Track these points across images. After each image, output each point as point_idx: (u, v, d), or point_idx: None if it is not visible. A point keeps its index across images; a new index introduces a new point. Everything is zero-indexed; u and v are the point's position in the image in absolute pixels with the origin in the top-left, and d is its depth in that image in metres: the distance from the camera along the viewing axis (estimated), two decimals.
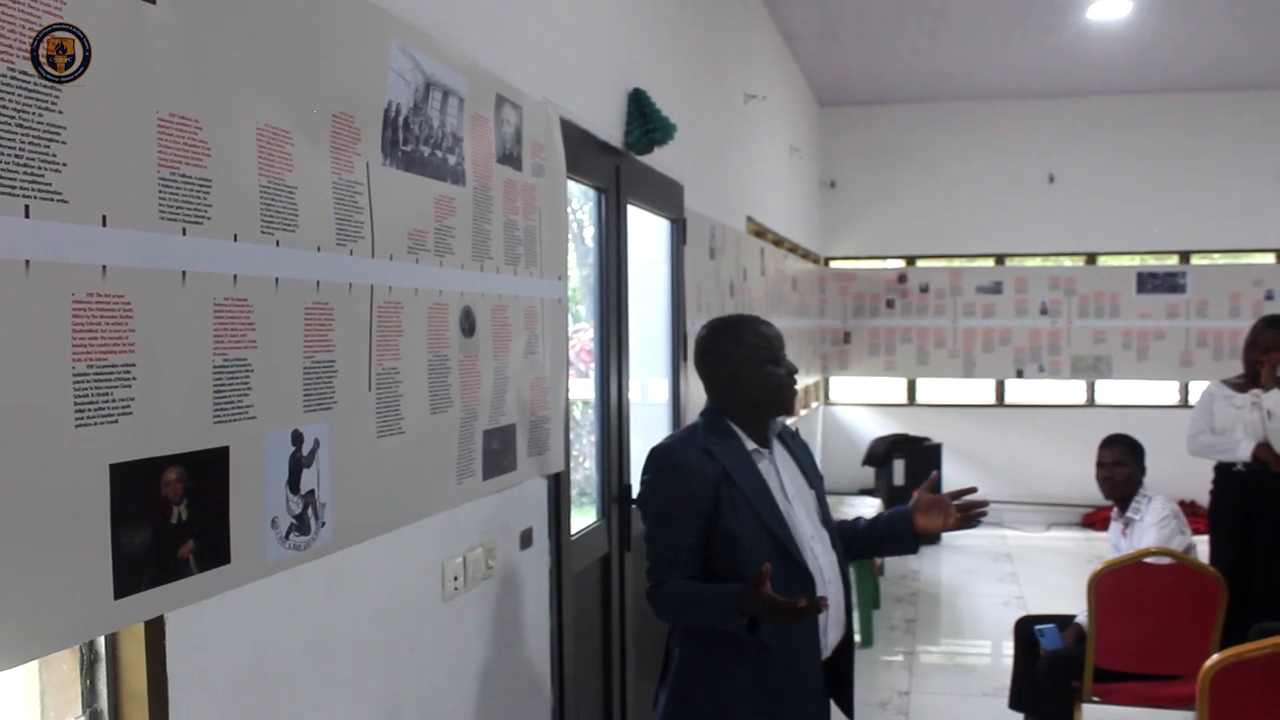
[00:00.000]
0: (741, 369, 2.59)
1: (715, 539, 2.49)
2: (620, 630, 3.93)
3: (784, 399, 2.63)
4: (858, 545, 2.79)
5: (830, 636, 2.61)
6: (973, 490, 2.75)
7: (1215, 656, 2.67)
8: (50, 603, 1.32)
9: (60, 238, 1.32)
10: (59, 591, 1.33)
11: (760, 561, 2.43)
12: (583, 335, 3.95)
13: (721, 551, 2.49)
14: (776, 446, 2.66)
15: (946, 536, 8.86)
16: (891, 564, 7.75)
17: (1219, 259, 9.63)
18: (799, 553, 2.52)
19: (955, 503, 2.69)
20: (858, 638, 5.97)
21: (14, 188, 1.26)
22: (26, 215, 1.28)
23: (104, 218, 1.39)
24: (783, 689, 2.49)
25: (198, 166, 1.56)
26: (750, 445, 2.59)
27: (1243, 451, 5.10)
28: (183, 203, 1.53)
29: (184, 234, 1.54)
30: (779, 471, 2.62)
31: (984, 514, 2.71)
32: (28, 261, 1.28)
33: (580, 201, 3.82)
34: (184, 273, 1.54)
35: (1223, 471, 5.40)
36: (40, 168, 1.29)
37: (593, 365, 3.95)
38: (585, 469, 3.96)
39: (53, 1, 1.30)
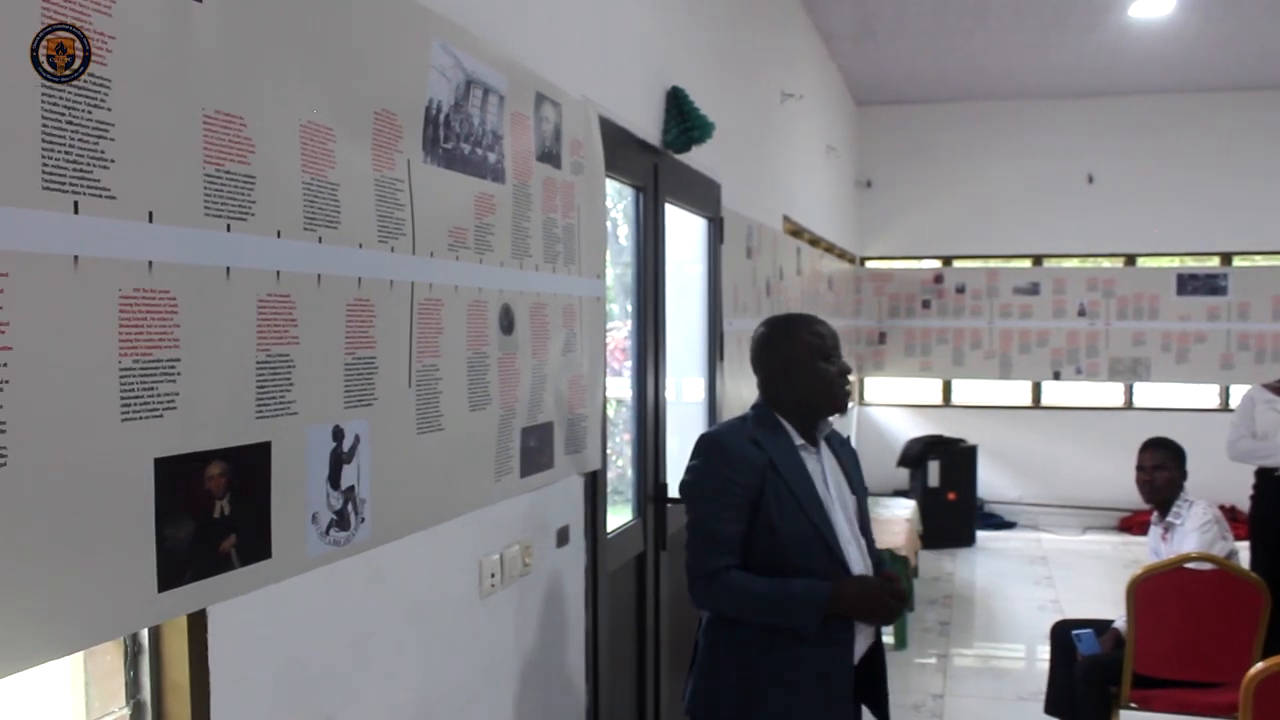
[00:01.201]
0: (793, 364, 2.63)
1: (756, 529, 2.52)
2: (655, 629, 3.93)
3: (834, 396, 2.65)
4: None
5: (859, 644, 2.61)
6: None
7: (1260, 665, 2.64)
8: (96, 595, 1.33)
9: (108, 233, 1.33)
10: (104, 584, 1.35)
11: (802, 553, 2.49)
12: (616, 334, 3.94)
13: (761, 541, 2.52)
14: (824, 448, 2.67)
15: (981, 537, 8.81)
16: (925, 566, 7.70)
17: (1261, 261, 9.50)
18: (840, 552, 2.53)
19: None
20: (891, 640, 5.95)
21: (64, 184, 1.27)
22: (75, 211, 1.29)
23: (150, 214, 1.40)
24: (811, 684, 2.50)
25: (242, 163, 1.57)
26: (798, 440, 2.61)
27: None
28: (227, 199, 1.54)
29: (228, 230, 1.55)
30: (824, 471, 2.63)
31: None
32: (76, 257, 1.29)
33: (614, 200, 3.81)
34: (228, 269, 1.55)
35: (1264, 476, 5.33)
36: (89, 164, 1.30)
37: (627, 364, 3.95)
38: (618, 467, 3.96)
39: (103, 0, 1.31)
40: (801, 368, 2.61)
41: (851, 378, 2.74)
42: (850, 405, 9.49)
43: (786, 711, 2.51)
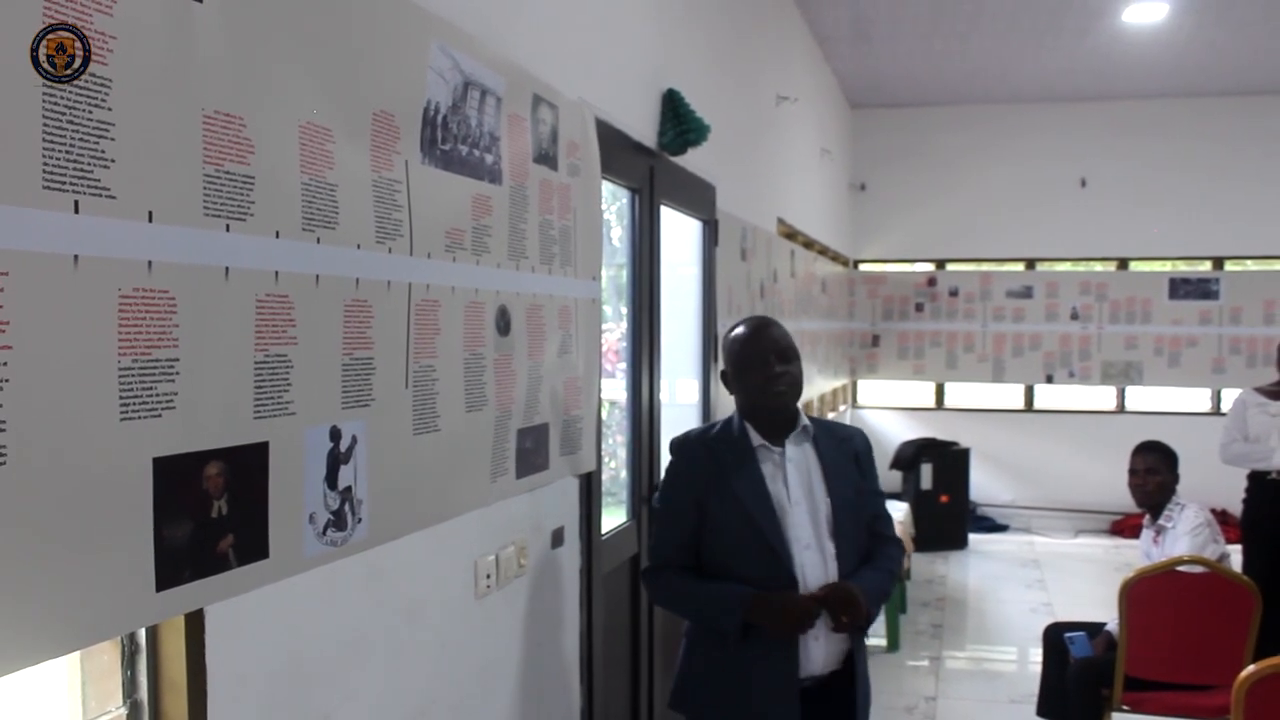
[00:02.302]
0: (731, 371, 2.74)
1: (704, 533, 2.65)
2: (648, 630, 3.94)
3: (762, 403, 2.68)
4: None
5: (813, 650, 2.58)
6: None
7: (1252, 667, 2.65)
8: (94, 594, 1.34)
9: (108, 233, 1.33)
10: (103, 583, 1.35)
11: (743, 559, 2.57)
12: (610, 335, 3.95)
13: (708, 545, 2.65)
14: (802, 448, 2.66)
15: (974, 540, 8.82)
16: (918, 569, 7.72)
17: (1253, 265, 9.53)
18: (786, 556, 2.54)
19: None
20: (884, 642, 5.95)
21: (64, 183, 1.27)
22: (76, 210, 1.29)
23: (150, 213, 1.40)
24: (762, 688, 2.57)
25: (241, 164, 1.57)
26: (757, 441, 2.63)
27: (1278, 460, 5.05)
28: (226, 199, 1.54)
29: (227, 230, 1.55)
30: (787, 473, 2.62)
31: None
32: (76, 256, 1.29)
33: (609, 202, 3.82)
34: (227, 269, 1.55)
35: (1256, 480, 5.35)
36: (90, 164, 1.30)
37: (621, 365, 3.96)
38: (611, 468, 3.97)
39: (105, 0, 1.31)
40: (736, 376, 2.72)
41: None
42: (843, 408, 9.55)
43: (737, 710, 2.60)
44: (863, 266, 10.16)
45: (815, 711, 2.59)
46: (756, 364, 2.65)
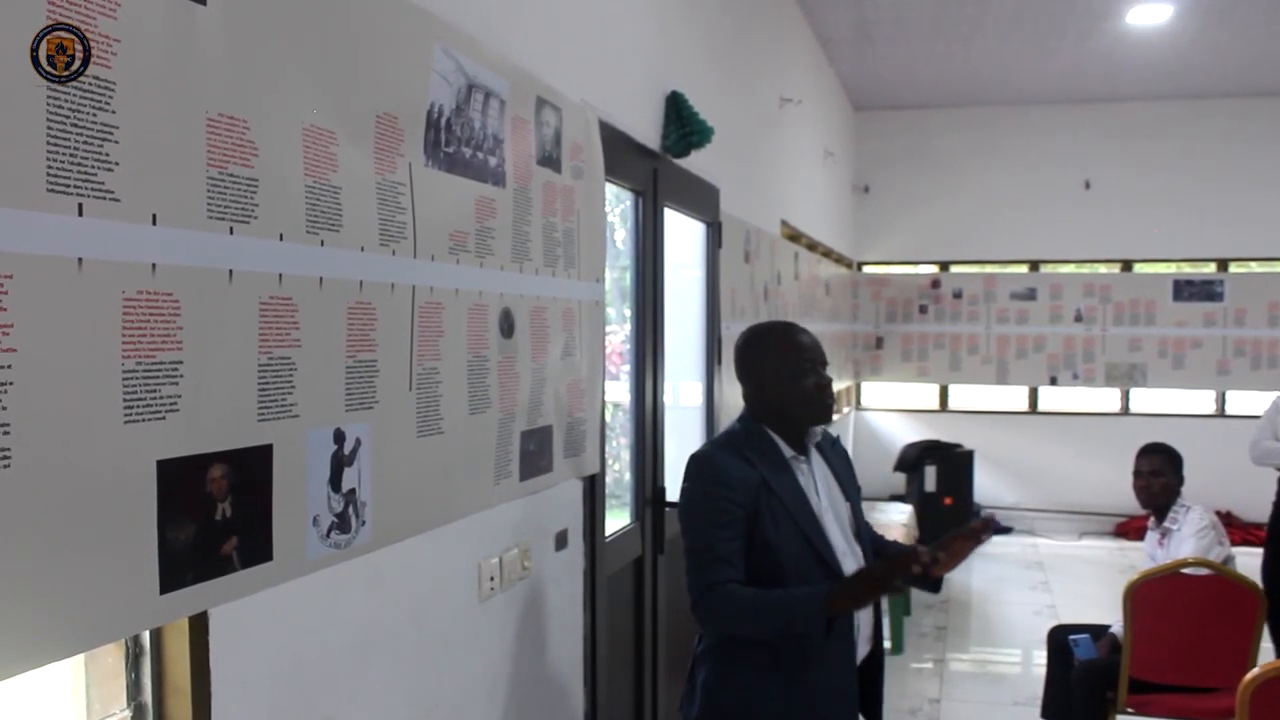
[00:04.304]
0: (770, 380, 2.58)
1: (753, 547, 2.46)
2: (653, 633, 3.93)
3: (812, 413, 2.58)
4: None
5: (859, 650, 2.60)
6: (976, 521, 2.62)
7: (1256, 670, 2.64)
8: (98, 597, 1.34)
9: (112, 236, 1.34)
10: (107, 586, 1.35)
11: (798, 571, 2.44)
12: (613, 338, 3.95)
13: (759, 560, 2.45)
14: (814, 455, 2.64)
15: None
16: None
17: (1257, 267, 9.52)
18: (835, 565, 2.50)
19: (958, 535, 2.59)
20: (888, 645, 5.94)
21: (68, 186, 1.27)
22: (80, 214, 1.29)
23: (154, 216, 1.40)
24: (816, 699, 2.48)
25: (245, 166, 1.57)
26: (788, 453, 2.57)
27: None
28: (230, 202, 1.54)
29: (231, 233, 1.55)
30: (816, 482, 2.59)
31: (996, 529, 2.61)
32: (80, 259, 1.29)
33: (613, 204, 3.82)
34: (231, 271, 1.55)
35: None
36: (93, 167, 1.31)
37: (625, 368, 3.96)
38: (615, 471, 3.97)
39: (107, 2, 1.32)
40: (780, 384, 2.56)
41: (836, 384, 2.68)
42: (846, 410, 9.54)
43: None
44: (866, 268, 10.15)
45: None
46: (808, 371, 2.56)
